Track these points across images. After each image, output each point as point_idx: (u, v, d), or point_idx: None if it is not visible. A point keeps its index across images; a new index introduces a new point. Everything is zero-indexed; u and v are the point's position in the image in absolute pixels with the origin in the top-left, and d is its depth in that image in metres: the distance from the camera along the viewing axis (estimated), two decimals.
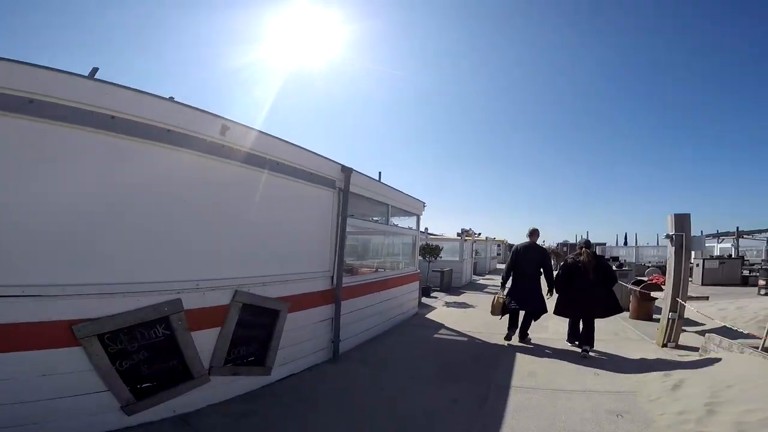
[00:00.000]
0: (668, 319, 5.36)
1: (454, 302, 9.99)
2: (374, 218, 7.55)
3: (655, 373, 3.96)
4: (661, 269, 17.41)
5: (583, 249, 5.39)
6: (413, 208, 8.25)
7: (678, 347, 5.22)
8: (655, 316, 7.56)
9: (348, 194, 4.84)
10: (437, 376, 4.23)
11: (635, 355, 4.92)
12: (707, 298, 6.30)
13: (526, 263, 5.58)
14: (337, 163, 4.76)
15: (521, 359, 4.87)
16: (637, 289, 7.72)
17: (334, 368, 4.37)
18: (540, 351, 5.31)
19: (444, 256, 15.20)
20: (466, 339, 6.12)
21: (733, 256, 15.46)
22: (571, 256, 5.72)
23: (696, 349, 4.80)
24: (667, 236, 5.68)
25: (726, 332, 4.98)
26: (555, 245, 29.02)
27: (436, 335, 6.42)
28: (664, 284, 14.49)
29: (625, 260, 20.78)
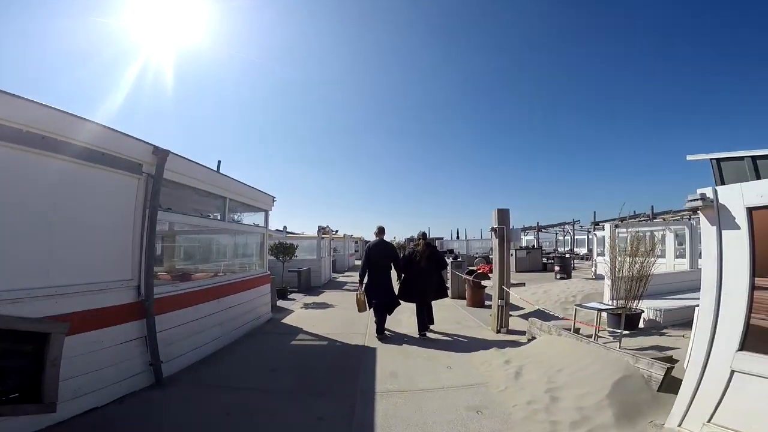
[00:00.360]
0: (498, 306, 6.09)
1: (314, 303, 9.52)
2: (214, 215, 6.40)
3: (497, 360, 4.32)
4: (486, 259, 21.03)
5: (420, 240, 6.28)
6: (260, 202, 7.40)
7: (509, 332, 5.98)
8: (486, 303, 8.73)
9: (161, 182, 3.88)
10: (298, 390, 3.76)
11: (477, 343, 5.39)
12: (524, 284, 7.57)
13: (379, 258, 6.02)
14: (147, 143, 3.76)
15: (382, 359, 4.78)
16: (470, 278, 8.72)
17: (157, 395, 3.49)
18: (397, 347, 5.36)
19: (302, 255, 14.56)
20: (326, 342, 5.76)
21: (535, 247, 19.78)
22: (410, 246, 6.58)
23: (523, 333, 5.57)
24: (492, 229, 6.37)
25: (541, 315, 5.98)
26: (404, 240, 31.74)
27: (294, 341, 5.87)
28: (490, 272, 17.66)
29: (459, 252, 24.32)
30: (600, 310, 4.97)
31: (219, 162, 7.12)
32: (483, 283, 8.54)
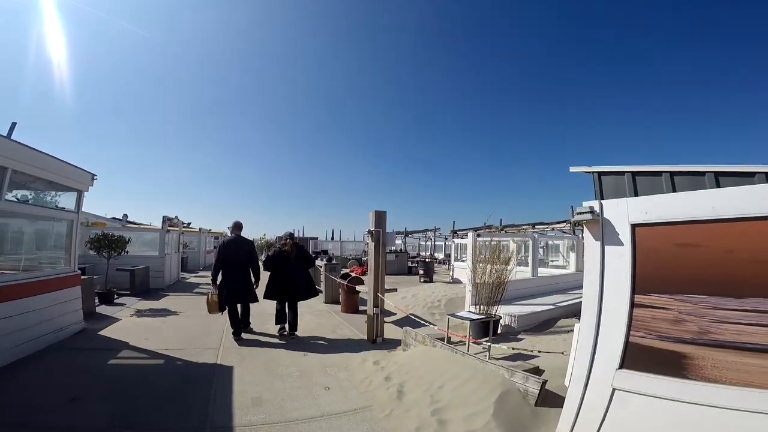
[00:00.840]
0: (373, 314, 5.71)
1: (150, 309, 7.55)
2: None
3: (377, 377, 3.90)
4: (358, 261, 21.15)
5: (287, 240, 6.14)
6: (70, 180, 5.52)
7: (385, 341, 5.65)
8: (362, 308, 8.36)
9: None
10: (111, 428, 2.72)
11: (354, 355, 4.89)
12: (396, 289, 7.46)
13: (234, 256, 5.69)
14: None
15: (242, 380, 3.87)
16: (344, 282, 8.26)
17: None
18: (261, 362, 4.52)
19: (144, 250, 11.86)
20: (162, 361, 4.46)
21: (402, 251, 20.73)
22: (278, 245, 6.42)
23: (398, 342, 5.29)
24: (369, 232, 5.99)
25: (412, 322, 5.82)
26: (275, 239, 29.87)
27: (113, 360, 4.45)
28: (362, 274, 17.61)
29: (333, 254, 23.91)
30: (471, 320, 5.00)
31: (14, 124, 4.80)
32: (357, 288, 8.14)
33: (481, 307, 6.33)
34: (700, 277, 2.20)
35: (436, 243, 25.32)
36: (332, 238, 32.87)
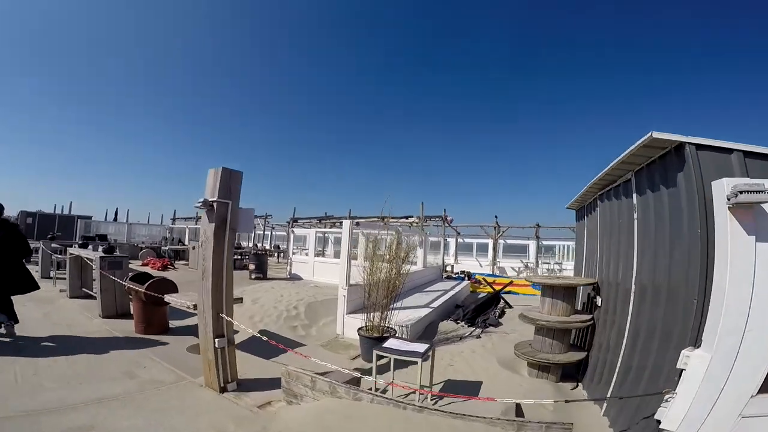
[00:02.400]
0: (216, 349, 3.30)
1: None
2: None
3: None
4: (156, 251, 15.95)
5: None
6: None
7: (241, 389, 3.32)
8: (174, 325, 5.40)
9: None
10: None
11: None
12: (241, 299, 5.03)
13: None
14: None
15: None
16: (142, 289, 5.04)
17: None
18: None
19: None
20: None
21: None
22: None
23: (271, 385, 3.12)
24: (205, 203, 3.38)
25: (264, 345, 3.68)
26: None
27: None
28: (162, 268, 13.02)
29: (116, 240, 17.37)
30: (421, 354, 3.31)
31: None
32: (167, 297, 5.04)
33: (372, 315, 4.80)
34: None
35: (276, 233, 22.24)
36: (115, 219, 22.96)
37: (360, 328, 4.80)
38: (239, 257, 14.99)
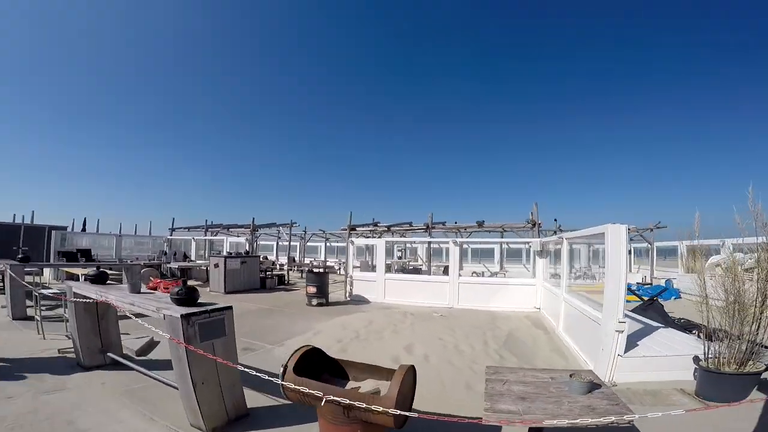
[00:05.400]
0: None
1: None
2: None
3: None
4: (157, 269, 12.53)
5: None
6: None
7: None
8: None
9: None
10: None
11: None
12: None
13: None
14: None
15: None
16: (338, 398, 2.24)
17: None
18: None
19: None
20: None
21: (250, 253, 13.30)
22: None
23: None
24: None
25: None
26: None
27: None
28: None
29: (97, 255, 13.69)
30: None
31: None
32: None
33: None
34: None
35: (292, 243, 18.51)
36: (83, 230, 16.44)
37: None
38: (264, 274, 11.88)
